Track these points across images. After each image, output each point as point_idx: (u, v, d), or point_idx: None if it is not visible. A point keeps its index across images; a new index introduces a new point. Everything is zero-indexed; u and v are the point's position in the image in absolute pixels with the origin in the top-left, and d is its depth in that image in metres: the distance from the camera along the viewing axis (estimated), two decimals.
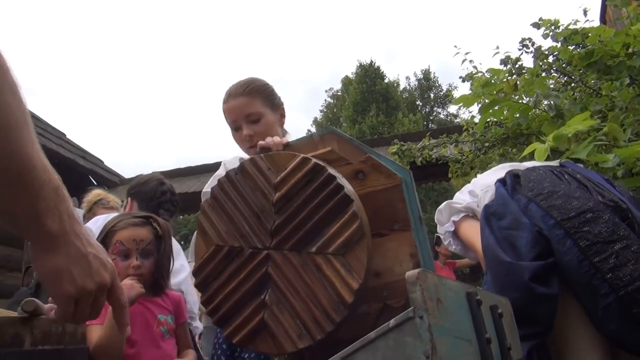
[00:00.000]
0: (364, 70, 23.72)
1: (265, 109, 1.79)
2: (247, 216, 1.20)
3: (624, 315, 1.27)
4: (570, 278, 1.35)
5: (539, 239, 1.38)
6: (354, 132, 20.45)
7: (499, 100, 2.82)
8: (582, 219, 1.36)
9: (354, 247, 1.09)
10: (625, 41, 2.76)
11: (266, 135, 1.64)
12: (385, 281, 1.20)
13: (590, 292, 1.32)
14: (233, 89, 1.80)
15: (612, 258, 1.30)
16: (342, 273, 1.10)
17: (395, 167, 1.24)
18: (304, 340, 1.11)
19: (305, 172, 1.15)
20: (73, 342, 1.41)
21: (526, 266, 1.35)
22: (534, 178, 1.54)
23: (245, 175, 1.22)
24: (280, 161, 1.20)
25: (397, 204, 1.20)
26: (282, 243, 1.16)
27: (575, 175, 1.55)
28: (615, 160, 1.75)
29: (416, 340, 0.67)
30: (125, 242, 1.68)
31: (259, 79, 1.86)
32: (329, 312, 1.09)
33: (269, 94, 1.83)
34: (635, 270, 1.27)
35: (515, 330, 1.19)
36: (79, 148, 6.60)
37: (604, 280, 1.29)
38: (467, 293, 0.88)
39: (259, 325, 1.16)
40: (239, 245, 1.20)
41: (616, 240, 1.32)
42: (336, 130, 1.32)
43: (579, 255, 1.33)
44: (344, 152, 1.27)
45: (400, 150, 3.83)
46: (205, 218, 1.25)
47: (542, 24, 3.38)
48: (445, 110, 26.17)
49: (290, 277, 1.14)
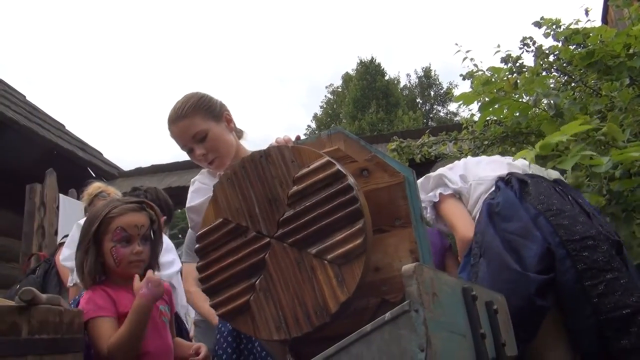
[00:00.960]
0: (364, 66, 23.68)
1: (208, 123, 1.74)
2: (261, 200, 1.23)
3: (599, 339, 1.39)
4: (563, 295, 1.45)
5: (547, 254, 1.47)
6: (354, 129, 20.42)
7: (499, 98, 2.81)
8: (584, 244, 1.46)
9: (352, 261, 1.11)
10: (626, 42, 2.76)
11: (218, 149, 1.74)
12: (384, 276, 1.23)
13: (575, 310, 1.43)
14: (172, 115, 1.76)
15: (602, 285, 1.41)
16: (333, 282, 1.12)
17: (399, 166, 1.28)
18: (280, 333, 1.15)
19: (327, 175, 1.17)
20: (70, 331, 1.42)
21: (534, 279, 1.43)
22: (544, 191, 1.62)
23: (269, 161, 1.25)
24: (305, 156, 1.22)
25: (399, 201, 1.23)
26: (286, 236, 1.19)
27: (577, 199, 1.64)
28: (609, 165, 1.75)
29: (411, 333, 0.68)
30: (128, 228, 1.67)
31: (193, 94, 1.80)
32: (310, 314, 1.12)
33: (206, 107, 1.77)
34: (620, 300, 1.39)
35: (511, 327, 1.20)
36: (78, 140, 6.59)
37: (590, 303, 1.41)
38: (463, 288, 0.88)
39: (243, 306, 1.20)
40: (245, 225, 1.25)
41: (609, 270, 1.43)
42: (343, 130, 1.36)
43: (574, 276, 1.44)
44: (350, 151, 1.31)
45: (399, 147, 3.83)
46: (221, 189, 1.29)
47: (543, 23, 3.37)
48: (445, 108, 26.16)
49: (284, 271, 1.17)
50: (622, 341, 1.35)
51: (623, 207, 1.94)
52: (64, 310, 1.41)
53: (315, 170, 1.19)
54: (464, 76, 3.54)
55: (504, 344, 1.01)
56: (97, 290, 1.61)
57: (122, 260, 1.65)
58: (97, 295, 1.59)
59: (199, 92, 1.82)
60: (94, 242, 1.67)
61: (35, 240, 4.58)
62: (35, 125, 5.58)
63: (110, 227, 1.66)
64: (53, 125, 6.17)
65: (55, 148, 5.77)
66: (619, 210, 1.93)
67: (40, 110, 6.36)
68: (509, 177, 1.69)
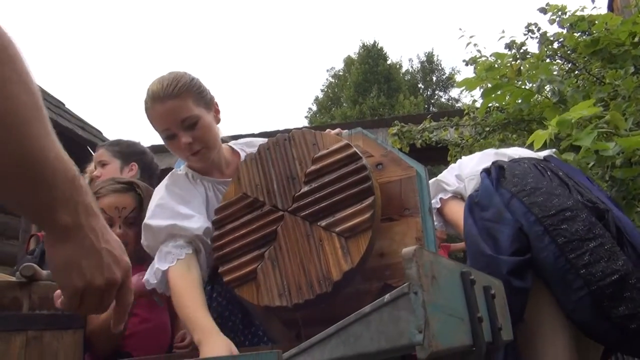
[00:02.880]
0: (366, 50, 23.50)
1: (200, 110, 1.52)
2: (280, 178, 1.33)
3: (595, 308, 1.36)
4: (545, 273, 1.44)
5: (519, 235, 1.47)
6: (355, 113, 20.35)
7: (501, 85, 2.80)
8: (561, 217, 1.44)
9: (358, 235, 1.18)
10: (631, 30, 2.74)
11: (207, 140, 1.52)
12: (388, 262, 1.28)
13: (564, 286, 1.41)
14: (158, 91, 1.49)
15: (587, 255, 1.38)
16: (338, 253, 1.19)
17: (411, 162, 1.36)
18: (283, 299, 1.22)
19: (344, 157, 1.26)
20: None
21: (505, 260, 1.44)
22: (519, 173, 1.61)
23: (293, 144, 1.34)
24: (326, 140, 1.31)
25: (409, 193, 1.31)
26: (299, 209, 1.27)
27: (557, 172, 1.62)
28: (616, 149, 1.76)
29: (410, 315, 0.68)
30: (107, 210, 1.62)
31: (182, 73, 1.55)
32: (313, 282, 1.19)
33: (199, 90, 1.55)
34: (608, 267, 1.36)
35: (507, 312, 1.21)
36: (78, 118, 6.56)
37: (578, 275, 1.38)
38: (461, 272, 0.89)
39: (250, 274, 1.29)
40: (262, 199, 1.34)
41: (591, 239, 1.40)
42: (363, 130, 1.46)
43: (555, 252, 1.41)
44: (368, 148, 1.41)
45: (400, 131, 3.83)
46: (245, 167, 1.40)
47: (549, 9, 3.35)
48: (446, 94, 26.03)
49: (294, 242, 1.25)
50: (620, 308, 1.33)
51: (624, 195, 1.95)
52: None
53: (334, 151, 1.28)
54: (467, 62, 3.52)
55: (500, 328, 1.02)
56: None
57: None
58: None
59: (187, 72, 1.58)
60: None
61: None
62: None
63: None
64: (52, 103, 6.14)
65: (54, 126, 5.70)
66: (620, 197, 1.94)
67: (40, 88, 6.32)
68: (490, 167, 1.70)
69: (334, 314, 1.18)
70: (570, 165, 1.76)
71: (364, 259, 1.18)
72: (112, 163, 2.22)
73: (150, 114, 1.53)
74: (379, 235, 1.26)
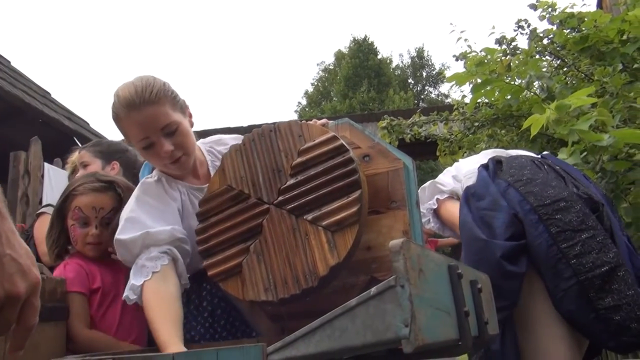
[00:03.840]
0: (357, 45, 23.46)
1: (177, 115, 1.46)
2: (265, 170, 1.30)
3: (581, 298, 1.38)
4: (538, 260, 1.45)
5: (514, 221, 1.48)
6: (345, 107, 20.35)
7: (491, 80, 2.81)
8: (556, 207, 1.45)
9: (344, 229, 1.16)
10: (620, 27, 2.75)
11: (187, 146, 1.48)
12: (375, 255, 1.27)
13: (554, 274, 1.42)
14: (132, 98, 1.39)
15: (578, 246, 1.40)
16: (325, 247, 1.17)
17: (399, 154, 1.34)
18: (268, 294, 1.20)
19: (330, 149, 1.23)
20: (52, 300, 1.40)
21: (499, 244, 1.45)
22: (516, 165, 1.62)
23: (278, 135, 1.31)
24: (312, 132, 1.28)
25: (396, 186, 1.29)
26: (285, 203, 1.24)
27: (554, 167, 1.64)
28: (610, 140, 1.77)
29: (396, 308, 0.67)
30: (84, 209, 1.60)
31: (154, 77, 1.47)
32: (299, 277, 1.17)
33: (172, 96, 1.47)
34: (598, 259, 1.38)
35: (493, 306, 1.21)
36: (64, 108, 6.47)
37: (569, 265, 1.40)
38: (448, 266, 0.88)
39: (235, 268, 1.26)
40: (247, 192, 1.31)
41: (584, 230, 1.42)
42: (350, 121, 1.43)
43: (548, 240, 1.43)
44: (355, 139, 1.38)
45: (390, 125, 3.82)
46: (230, 159, 1.36)
47: (539, 5, 3.36)
48: (436, 89, 26.12)
49: (279, 236, 1.23)
50: (606, 299, 1.35)
51: (612, 188, 1.96)
52: (46, 279, 1.39)
53: (320, 143, 1.25)
54: (457, 57, 3.52)
55: (487, 322, 1.02)
56: (70, 264, 1.58)
57: (78, 240, 1.60)
58: (69, 269, 1.56)
59: (155, 76, 1.48)
60: (58, 218, 1.65)
61: (20, 209, 4.52)
62: (20, 92, 5.46)
63: (71, 205, 1.62)
64: (39, 93, 6.05)
65: (40, 116, 5.67)
66: (609, 190, 1.95)
67: (26, 77, 6.22)
68: (488, 161, 1.71)
69: (320, 308, 1.17)
70: (566, 163, 1.78)
71: (350, 253, 1.17)
72: (93, 163, 2.24)
73: (124, 124, 1.43)
74: (366, 229, 1.24)
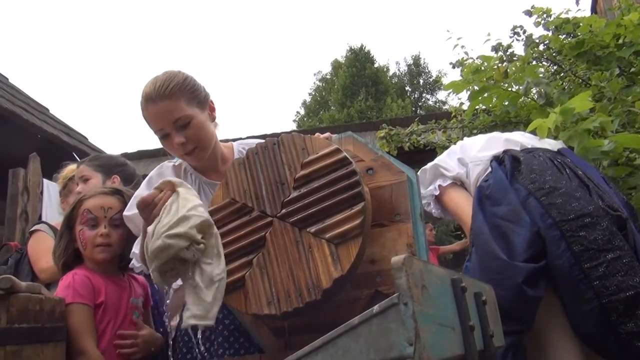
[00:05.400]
0: (354, 54, 23.53)
1: (193, 109, 1.54)
2: (268, 183, 1.30)
3: (603, 321, 1.29)
4: (558, 280, 1.35)
5: (536, 239, 1.37)
6: (343, 116, 20.35)
7: (488, 87, 2.80)
8: (580, 223, 1.34)
9: (348, 242, 1.16)
10: (616, 32, 2.75)
11: (200, 139, 1.56)
12: (379, 268, 1.26)
13: (575, 295, 1.32)
14: (150, 92, 1.51)
15: (603, 267, 1.30)
16: (328, 260, 1.16)
17: (402, 167, 1.34)
18: (271, 308, 1.20)
19: (334, 161, 1.23)
20: (51, 320, 1.39)
21: (521, 268, 1.34)
22: (536, 168, 1.49)
23: (281, 148, 1.32)
24: (316, 145, 1.29)
25: (400, 199, 1.28)
26: (288, 215, 1.25)
27: (576, 171, 1.52)
28: (611, 145, 1.73)
29: (400, 327, 0.66)
30: (93, 210, 1.61)
31: (177, 72, 1.57)
32: (302, 290, 1.17)
33: (192, 89, 1.56)
34: (623, 282, 1.28)
35: (498, 317, 1.19)
36: (62, 124, 6.48)
37: (591, 286, 1.30)
38: (452, 280, 0.87)
39: (238, 281, 1.26)
40: (251, 205, 1.31)
41: (610, 250, 1.31)
42: (353, 134, 1.44)
43: (570, 259, 1.32)
44: (359, 152, 1.39)
45: (388, 134, 3.82)
46: (233, 172, 1.36)
47: (534, 11, 3.37)
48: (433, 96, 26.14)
49: (283, 249, 1.23)
50: (628, 324, 1.26)
51: None
52: (44, 299, 1.38)
53: (324, 156, 1.25)
54: (453, 64, 3.53)
55: (492, 335, 1.00)
56: (78, 275, 1.57)
57: (88, 243, 1.59)
58: (77, 281, 1.55)
59: (182, 71, 1.59)
60: (67, 227, 1.65)
61: (19, 226, 4.50)
62: (18, 108, 5.47)
63: (80, 211, 1.62)
64: (37, 109, 6.06)
65: (39, 132, 5.67)
66: None
67: (24, 93, 6.24)
68: (503, 156, 1.59)
69: (324, 322, 1.16)
70: (585, 163, 1.64)
71: (354, 266, 1.16)
72: (94, 177, 2.23)
73: (144, 115, 1.56)
74: (370, 242, 1.24)
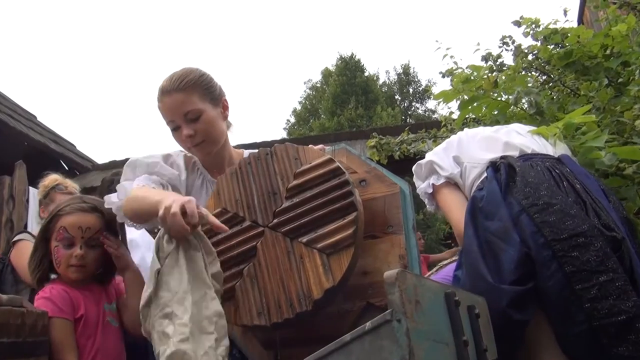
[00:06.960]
0: (344, 62, 23.63)
1: (205, 104, 1.60)
2: (261, 193, 1.29)
3: (594, 344, 1.26)
4: (548, 302, 1.32)
5: (526, 261, 1.33)
6: (333, 125, 20.38)
7: (478, 97, 2.81)
8: (573, 243, 1.30)
9: (340, 252, 1.15)
10: (603, 42, 2.78)
11: (209, 133, 1.60)
12: (371, 280, 1.25)
13: (565, 317, 1.29)
14: (166, 85, 1.60)
15: (595, 289, 1.26)
16: (319, 270, 1.15)
17: (395, 179, 1.34)
18: (261, 319, 1.18)
19: (326, 171, 1.23)
20: (33, 334, 1.35)
21: (506, 291, 1.31)
22: (532, 181, 1.44)
23: (274, 158, 1.31)
24: (308, 155, 1.28)
25: (393, 210, 1.28)
26: (280, 225, 1.24)
27: (574, 184, 1.47)
28: (612, 158, 1.71)
29: (393, 344, 0.64)
30: (70, 229, 1.53)
31: (195, 69, 1.66)
32: (293, 301, 1.16)
33: (207, 86, 1.64)
34: (615, 306, 1.24)
35: (491, 330, 1.18)
36: (50, 131, 6.40)
37: (581, 308, 1.26)
38: (445, 294, 0.85)
39: (228, 292, 1.24)
40: (242, 215, 1.30)
41: (603, 272, 1.27)
42: (347, 146, 1.45)
43: (562, 281, 1.29)
44: (352, 164, 1.39)
45: (378, 143, 3.81)
46: (225, 182, 1.36)
47: (522, 22, 3.39)
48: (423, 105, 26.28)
49: (274, 259, 1.21)
50: (620, 348, 1.22)
51: None
52: (26, 312, 1.34)
53: (316, 166, 1.25)
54: (443, 74, 3.53)
55: (486, 349, 0.98)
56: (56, 289, 1.51)
57: (62, 262, 1.53)
58: (56, 295, 1.49)
59: (199, 68, 1.67)
60: (43, 239, 1.59)
61: (4, 234, 4.43)
62: (5, 115, 5.39)
63: (56, 226, 1.55)
64: (24, 116, 5.98)
65: (26, 140, 5.60)
66: None
67: (11, 100, 6.16)
68: (500, 163, 1.54)
69: (315, 334, 1.15)
70: (585, 172, 1.59)
71: (345, 276, 1.15)
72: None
73: (159, 106, 1.63)
74: (362, 253, 1.23)
